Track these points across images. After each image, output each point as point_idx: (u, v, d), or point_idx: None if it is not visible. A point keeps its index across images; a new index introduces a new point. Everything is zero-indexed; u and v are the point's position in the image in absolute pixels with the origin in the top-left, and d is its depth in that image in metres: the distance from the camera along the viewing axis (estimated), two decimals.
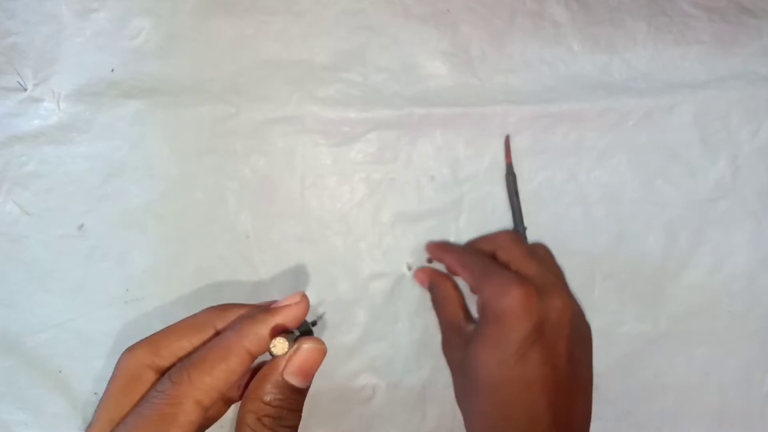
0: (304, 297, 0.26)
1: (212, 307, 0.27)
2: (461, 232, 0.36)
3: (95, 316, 0.34)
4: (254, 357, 0.24)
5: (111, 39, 0.34)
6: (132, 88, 0.34)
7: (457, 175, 0.36)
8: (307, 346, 0.24)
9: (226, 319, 0.26)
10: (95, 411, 0.24)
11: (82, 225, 0.34)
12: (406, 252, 0.36)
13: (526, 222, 0.36)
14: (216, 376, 0.23)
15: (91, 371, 0.34)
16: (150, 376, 0.24)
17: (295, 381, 0.24)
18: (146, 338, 0.25)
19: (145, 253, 0.34)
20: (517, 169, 0.36)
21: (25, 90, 0.34)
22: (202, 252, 0.35)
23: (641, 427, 0.36)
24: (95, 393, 0.34)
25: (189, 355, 0.25)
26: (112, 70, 0.34)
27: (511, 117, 0.36)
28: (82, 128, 0.34)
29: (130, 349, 0.25)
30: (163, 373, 0.24)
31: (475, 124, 0.36)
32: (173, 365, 0.24)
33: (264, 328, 0.24)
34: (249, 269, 0.35)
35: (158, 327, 0.34)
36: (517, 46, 0.36)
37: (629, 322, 0.36)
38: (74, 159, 0.34)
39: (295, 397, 0.24)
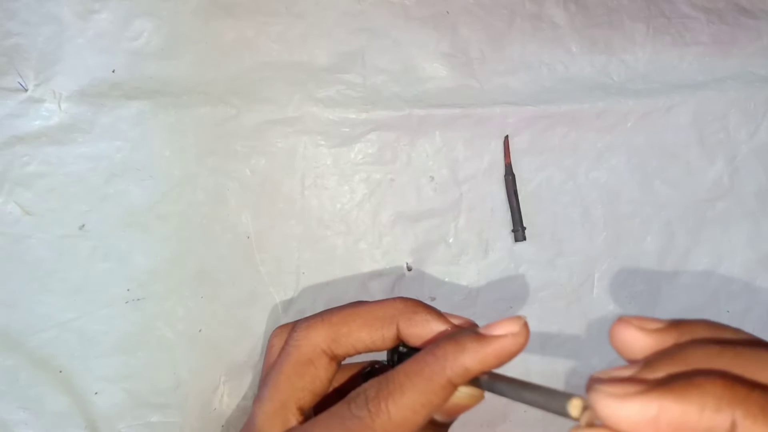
0: (525, 327, 0.21)
1: (399, 300, 0.24)
2: (461, 232, 0.36)
3: (96, 316, 0.34)
4: (455, 390, 0.21)
5: (112, 40, 0.34)
6: (133, 89, 0.34)
7: (456, 175, 0.36)
8: (466, 391, 0.21)
9: (414, 323, 0.23)
10: (264, 384, 0.23)
11: (84, 225, 0.34)
12: (406, 252, 0.36)
13: (525, 222, 0.36)
14: (417, 411, 0.20)
15: (92, 371, 0.34)
16: (324, 362, 0.23)
17: (439, 416, 0.22)
18: (324, 318, 0.23)
19: (146, 253, 0.34)
20: (516, 170, 0.36)
21: (27, 91, 0.34)
22: (203, 252, 0.35)
23: None
24: (96, 392, 0.34)
25: (368, 349, 0.23)
26: (114, 72, 0.34)
27: (510, 118, 0.36)
28: (84, 129, 0.34)
29: (306, 326, 0.23)
30: (336, 360, 0.23)
31: (475, 125, 0.36)
32: (348, 354, 0.23)
33: (472, 362, 0.20)
34: (249, 269, 0.35)
35: (159, 326, 0.34)
36: (516, 48, 0.36)
37: None
38: (76, 159, 0.34)
39: (434, 430, 0.22)
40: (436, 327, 0.23)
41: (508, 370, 0.36)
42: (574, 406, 0.18)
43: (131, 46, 0.34)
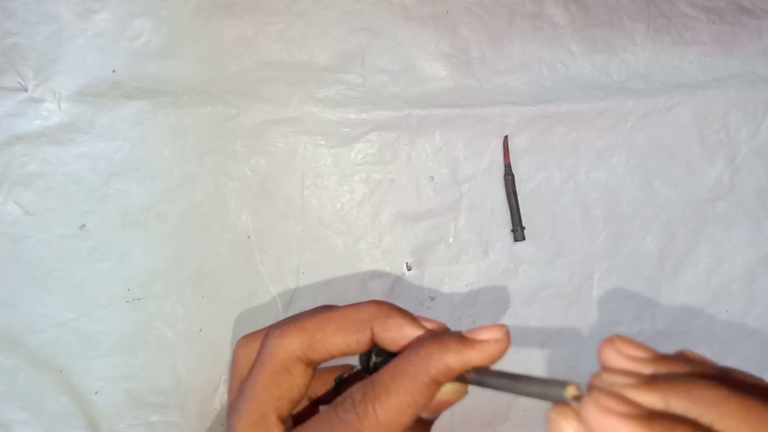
0: (507, 335, 0.21)
1: (373, 304, 0.24)
2: (460, 232, 0.36)
3: (96, 316, 0.34)
4: (439, 388, 0.21)
5: (112, 40, 0.34)
6: (133, 89, 0.34)
7: (456, 175, 0.36)
8: (450, 387, 0.21)
9: (388, 327, 0.23)
10: (240, 396, 0.23)
11: (84, 225, 0.34)
12: (406, 252, 0.36)
13: (525, 222, 0.36)
14: (403, 411, 0.20)
15: (92, 370, 0.34)
16: (300, 369, 0.23)
17: (425, 413, 0.22)
18: (297, 324, 0.23)
19: (146, 252, 0.34)
20: (515, 170, 0.36)
21: (26, 90, 0.34)
22: (203, 252, 0.35)
23: None
24: (96, 392, 0.34)
25: (343, 353, 0.23)
26: (114, 71, 0.34)
27: (510, 118, 0.36)
28: (84, 129, 0.34)
29: (279, 334, 0.23)
30: (312, 365, 0.23)
31: (474, 124, 0.36)
32: (323, 360, 0.23)
33: (455, 361, 0.20)
34: (249, 269, 0.35)
35: (159, 326, 0.34)
36: (516, 48, 0.36)
37: (627, 321, 0.36)
38: (75, 159, 0.34)
39: (420, 428, 0.22)
40: (411, 331, 0.23)
41: (510, 368, 0.36)
42: (571, 393, 0.18)
43: (131, 45, 0.34)
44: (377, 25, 0.35)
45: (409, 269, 0.36)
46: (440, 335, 0.22)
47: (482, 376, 0.21)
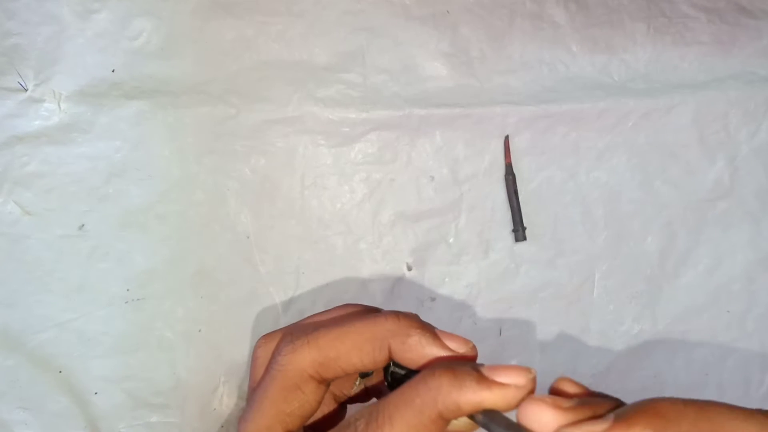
0: (532, 381, 0.19)
1: (392, 319, 0.22)
2: (461, 232, 0.36)
3: (96, 316, 0.34)
4: (447, 424, 0.20)
5: (112, 40, 0.34)
6: (133, 89, 0.34)
7: (456, 175, 0.36)
8: (460, 421, 0.20)
9: (407, 347, 0.21)
10: (249, 405, 0.22)
11: (83, 225, 0.34)
12: (406, 252, 0.36)
13: (526, 222, 0.36)
14: None
15: (91, 371, 0.34)
16: (312, 386, 0.22)
17: None
18: (310, 341, 0.22)
19: (145, 253, 0.34)
20: (516, 170, 0.36)
21: (26, 90, 0.34)
22: (203, 252, 0.35)
23: None
24: (95, 392, 0.34)
25: (356, 369, 0.22)
26: (113, 71, 0.34)
27: (511, 117, 0.36)
28: (84, 129, 0.34)
29: (292, 350, 0.22)
30: (325, 382, 0.22)
31: (475, 124, 0.36)
32: (336, 377, 0.22)
33: (467, 400, 0.19)
34: (249, 269, 0.35)
35: (159, 327, 0.34)
36: (516, 47, 0.36)
37: (628, 321, 0.36)
38: (75, 159, 0.34)
39: None
40: (431, 351, 0.21)
41: None
42: None
43: (131, 45, 0.34)
44: (377, 24, 0.35)
45: (409, 269, 0.36)
46: (456, 365, 0.20)
47: (492, 421, 0.19)
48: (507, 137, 0.36)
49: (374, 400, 0.27)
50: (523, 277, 0.36)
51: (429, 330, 0.22)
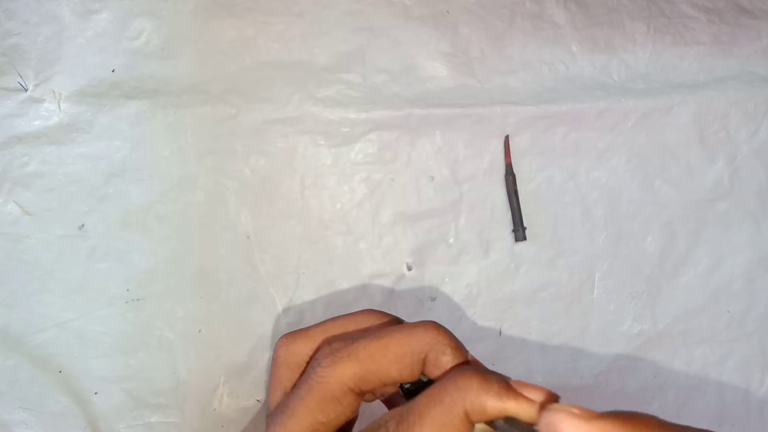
0: (553, 397, 0.19)
1: (431, 332, 0.22)
2: (461, 232, 0.36)
3: (96, 316, 0.34)
4: (472, 427, 0.20)
5: (112, 40, 0.34)
6: (133, 89, 0.34)
7: (456, 175, 0.36)
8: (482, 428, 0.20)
9: (440, 365, 0.21)
10: (283, 410, 0.22)
11: (83, 225, 0.34)
12: (406, 252, 0.36)
13: (526, 222, 0.36)
14: None
15: (91, 371, 0.34)
16: (350, 399, 0.22)
17: None
18: (351, 353, 0.22)
19: (145, 253, 0.34)
20: (516, 170, 0.36)
21: (26, 90, 0.34)
22: (203, 252, 0.35)
23: None
24: (95, 392, 0.34)
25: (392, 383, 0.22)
26: (113, 71, 0.34)
27: (511, 118, 0.36)
28: (83, 129, 0.34)
29: (333, 362, 0.22)
30: (362, 395, 0.22)
31: (475, 124, 0.36)
32: (375, 389, 0.22)
33: (493, 404, 0.19)
34: (249, 269, 0.35)
35: (159, 327, 0.34)
36: (516, 48, 0.36)
37: (628, 321, 0.36)
38: (75, 159, 0.34)
39: None
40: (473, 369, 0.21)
41: (511, 368, 0.36)
42: None
43: (131, 45, 0.34)
44: (377, 25, 0.35)
45: (409, 269, 0.36)
46: (486, 371, 0.20)
47: (513, 427, 0.19)
48: (507, 137, 0.36)
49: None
50: (523, 277, 0.36)
51: (462, 349, 0.22)
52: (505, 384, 0.20)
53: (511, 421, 0.20)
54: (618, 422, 0.17)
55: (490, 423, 0.20)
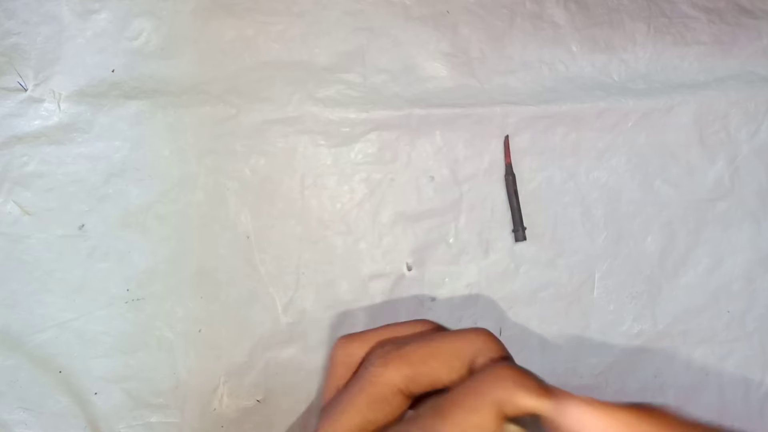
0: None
1: (481, 338, 0.22)
2: (461, 232, 0.36)
3: (96, 316, 0.34)
4: (503, 418, 0.20)
5: (112, 40, 0.34)
6: (133, 89, 0.34)
7: (456, 175, 0.36)
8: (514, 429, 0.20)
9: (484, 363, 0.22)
10: (335, 405, 0.23)
11: (83, 225, 0.34)
12: (406, 252, 0.36)
13: (526, 222, 0.36)
14: (467, 430, 0.19)
15: (91, 371, 0.34)
16: (399, 400, 0.22)
17: None
18: (402, 355, 0.22)
19: (145, 253, 0.34)
20: (516, 170, 0.36)
21: (26, 90, 0.34)
22: (203, 252, 0.35)
23: None
24: (95, 392, 0.34)
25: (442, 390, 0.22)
26: (113, 71, 0.34)
27: (511, 118, 0.36)
28: (83, 129, 0.34)
29: (384, 363, 0.22)
30: (411, 396, 0.23)
31: (475, 124, 0.36)
32: (423, 392, 0.22)
33: (526, 400, 0.19)
34: (249, 269, 0.35)
35: (159, 327, 0.34)
36: (516, 48, 0.36)
37: (628, 321, 0.36)
38: (75, 159, 0.34)
39: None
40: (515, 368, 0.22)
41: None
42: None
43: (130, 45, 0.34)
44: (377, 25, 0.35)
45: (409, 269, 0.36)
46: (525, 370, 0.20)
47: (541, 427, 0.20)
48: (507, 137, 0.36)
49: None
50: (523, 277, 0.36)
51: (508, 357, 0.23)
52: (541, 383, 0.20)
53: (539, 418, 0.20)
54: (632, 413, 0.17)
55: (520, 422, 0.20)
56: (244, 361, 0.35)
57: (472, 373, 0.22)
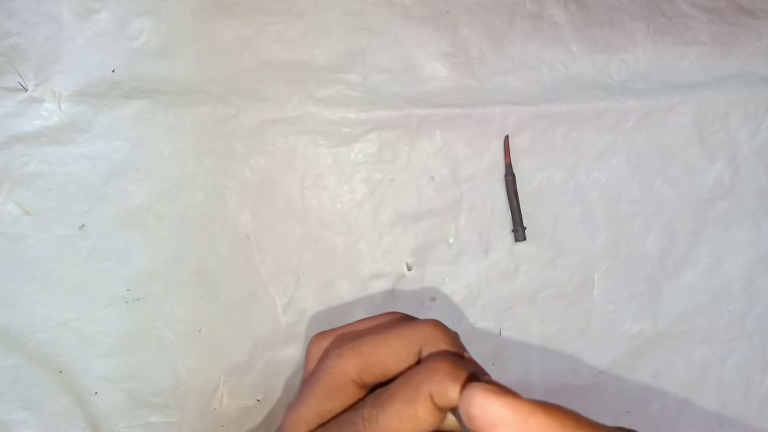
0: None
1: (429, 328, 0.23)
2: (461, 232, 0.36)
3: (96, 316, 0.34)
4: (441, 412, 0.20)
5: (112, 40, 0.34)
6: (133, 88, 0.34)
7: (456, 175, 0.36)
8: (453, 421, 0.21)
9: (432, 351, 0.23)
10: (296, 400, 0.24)
11: (83, 225, 0.34)
12: (406, 252, 0.36)
13: (526, 222, 0.36)
14: (403, 422, 0.20)
15: (91, 371, 0.34)
16: (353, 389, 0.23)
17: None
18: (354, 347, 0.24)
19: (145, 253, 0.34)
20: (516, 170, 0.36)
21: (26, 90, 0.34)
22: (203, 252, 0.35)
23: (640, 426, 0.36)
24: (95, 392, 0.34)
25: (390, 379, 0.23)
26: (113, 71, 0.34)
27: (511, 117, 0.36)
28: (83, 129, 0.34)
29: (338, 355, 0.24)
30: (365, 386, 0.24)
31: (475, 124, 0.36)
32: (377, 381, 0.23)
33: (455, 393, 0.20)
34: (249, 269, 0.35)
35: (159, 327, 0.34)
36: (516, 47, 0.36)
37: (628, 321, 0.36)
38: (75, 159, 0.34)
39: None
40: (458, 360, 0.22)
41: (511, 368, 0.36)
42: None
43: (131, 45, 0.34)
44: (377, 25, 0.35)
45: (409, 269, 0.36)
46: (461, 362, 0.21)
47: None
48: (507, 137, 0.36)
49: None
50: (523, 277, 0.36)
51: (457, 346, 0.23)
52: (473, 375, 0.20)
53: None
54: (537, 406, 0.17)
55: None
56: (244, 360, 0.35)
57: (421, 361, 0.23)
